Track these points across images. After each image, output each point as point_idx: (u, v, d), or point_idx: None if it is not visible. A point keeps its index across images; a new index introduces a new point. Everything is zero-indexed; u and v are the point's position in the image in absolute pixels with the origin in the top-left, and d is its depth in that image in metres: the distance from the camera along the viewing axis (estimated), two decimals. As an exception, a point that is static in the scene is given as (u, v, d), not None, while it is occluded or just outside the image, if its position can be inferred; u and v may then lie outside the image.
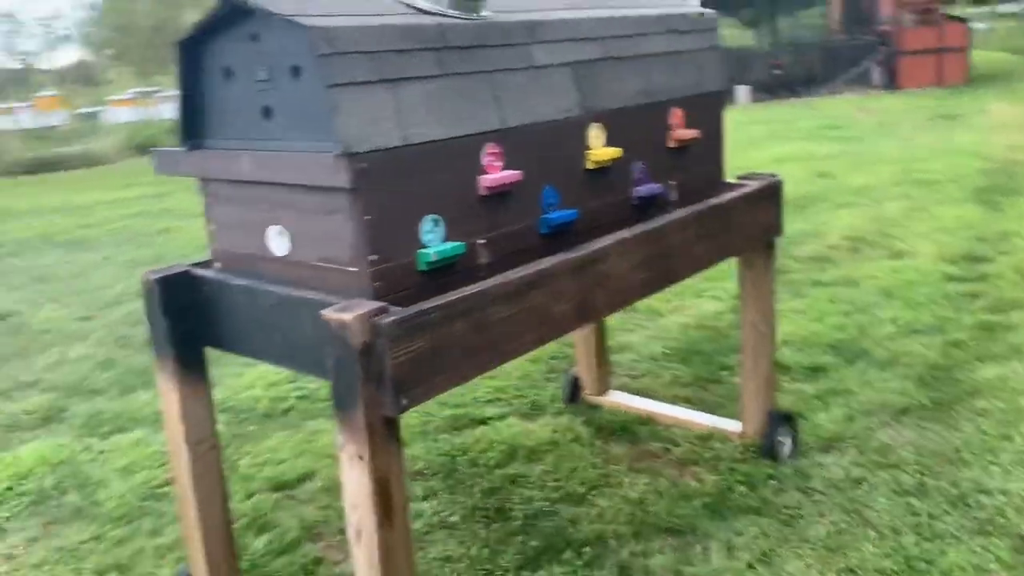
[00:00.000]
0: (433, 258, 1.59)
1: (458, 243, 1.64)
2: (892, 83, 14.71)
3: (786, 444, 2.61)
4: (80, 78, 24.71)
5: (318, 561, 2.27)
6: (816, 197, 6.19)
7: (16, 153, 15.59)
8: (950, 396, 2.88)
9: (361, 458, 1.48)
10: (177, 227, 7.40)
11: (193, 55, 1.73)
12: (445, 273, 1.65)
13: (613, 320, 3.92)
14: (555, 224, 1.86)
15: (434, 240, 1.63)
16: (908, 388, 2.95)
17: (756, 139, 9.83)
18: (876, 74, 15.17)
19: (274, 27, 1.55)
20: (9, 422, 3.35)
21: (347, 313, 1.42)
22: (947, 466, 2.48)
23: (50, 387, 3.68)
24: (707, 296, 4.21)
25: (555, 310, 1.75)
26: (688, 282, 4.38)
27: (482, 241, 1.73)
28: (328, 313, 1.44)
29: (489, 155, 1.72)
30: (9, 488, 2.78)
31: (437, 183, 1.62)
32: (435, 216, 1.63)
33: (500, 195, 1.74)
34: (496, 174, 1.72)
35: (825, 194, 6.26)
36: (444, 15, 1.69)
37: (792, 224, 5.37)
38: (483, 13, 1.76)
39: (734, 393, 2.91)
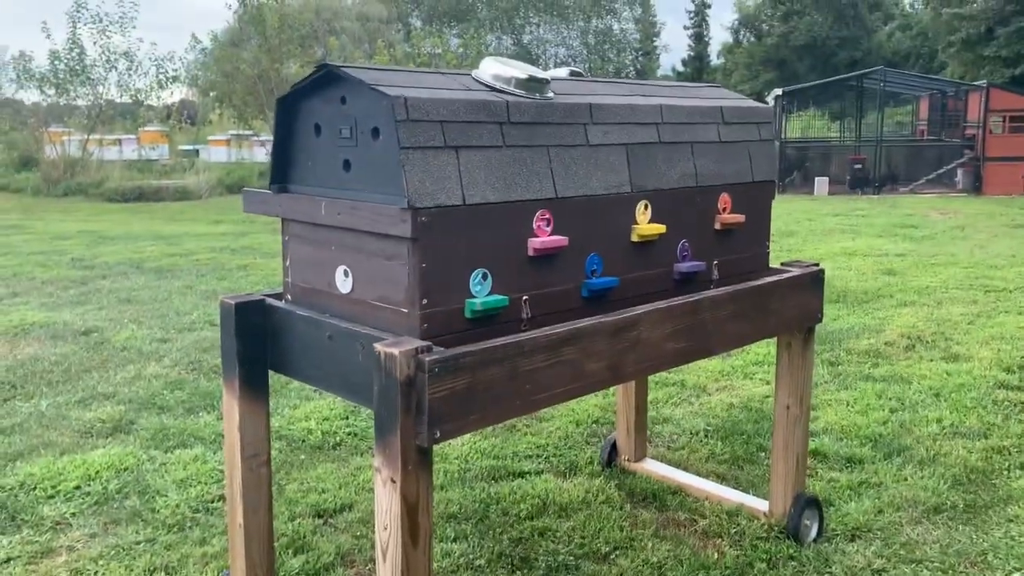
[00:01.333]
0: (478, 308, 1.76)
1: (502, 296, 1.81)
2: (976, 187, 14.54)
3: (812, 528, 2.66)
4: (183, 116, 26.12)
5: (348, 585, 2.40)
6: (879, 293, 6.19)
7: (117, 182, 16.54)
8: (984, 500, 2.89)
9: (394, 481, 1.63)
10: (255, 264, 7.78)
11: (290, 109, 1.96)
12: (489, 322, 1.81)
13: (659, 393, 4.02)
14: (596, 289, 2.01)
15: (481, 292, 1.80)
16: (942, 488, 2.97)
17: (829, 231, 9.85)
18: (960, 177, 15.03)
19: (361, 93, 1.76)
20: (84, 428, 3.60)
21: (395, 348, 1.59)
22: (971, 568, 2.49)
23: (124, 400, 3.94)
24: (757, 379, 4.27)
25: (587, 368, 1.89)
26: (738, 363, 4.47)
27: (526, 297, 1.89)
28: (379, 346, 1.61)
29: (540, 220, 1.89)
30: (77, 487, 3.00)
31: (489, 241, 1.79)
32: (484, 270, 1.80)
33: (547, 257, 1.91)
34: (544, 238, 1.88)
35: (889, 291, 6.26)
36: (512, 94, 1.89)
37: (851, 317, 5.41)
38: (548, 95, 1.95)
39: (768, 475, 2.97)
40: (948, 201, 13.49)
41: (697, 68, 49.72)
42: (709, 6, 50.49)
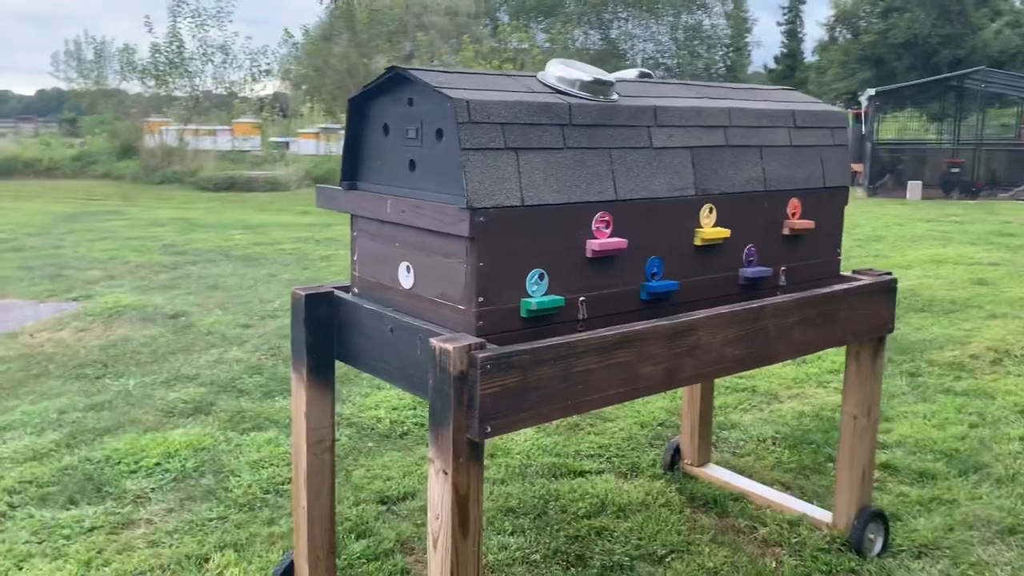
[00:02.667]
0: (534, 307, 1.79)
1: (558, 297, 1.83)
2: (1082, 195, 13.80)
3: (876, 542, 2.60)
4: (276, 109, 26.89)
5: (406, 572, 2.47)
6: (968, 303, 5.96)
7: (211, 171, 17.17)
8: (1064, 523, 2.77)
9: (446, 473, 1.67)
10: (337, 255, 7.98)
11: (360, 110, 2.03)
12: (545, 322, 1.84)
13: (729, 398, 3.97)
14: (655, 292, 2.01)
15: (538, 292, 1.82)
16: (1020, 509, 2.86)
17: (918, 237, 9.52)
18: (1065, 184, 14.29)
19: (427, 95, 1.81)
20: (167, 408, 3.78)
21: (450, 343, 1.63)
22: (1044, 592, 2.40)
23: (206, 382, 4.12)
24: (831, 387, 4.18)
25: (642, 371, 1.90)
26: (813, 371, 4.38)
27: (583, 298, 1.90)
28: (435, 341, 1.66)
29: (599, 222, 1.90)
30: (158, 463, 3.15)
31: (547, 241, 1.82)
32: (541, 270, 1.82)
33: (605, 259, 1.92)
34: (603, 240, 1.90)
35: (979, 301, 6.02)
36: (576, 96, 1.91)
37: (935, 328, 5.24)
38: (612, 97, 1.96)
39: (834, 486, 2.91)
40: (1051, 208, 12.85)
41: (790, 65, 48.50)
42: (804, 2, 49.22)
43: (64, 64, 21.53)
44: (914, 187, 14.59)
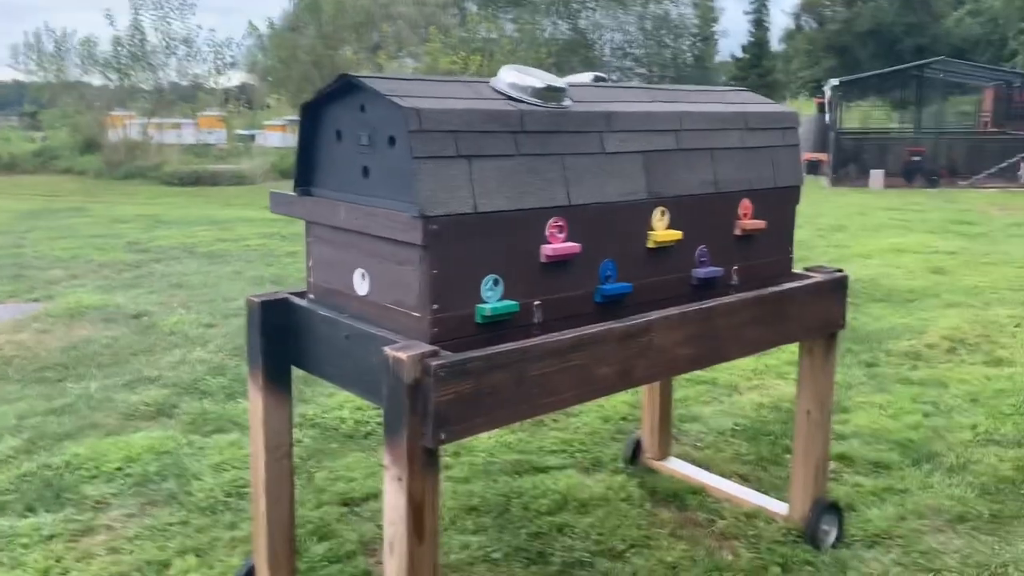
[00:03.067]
0: (488, 313, 1.81)
1: (513, 302, 1.85)
2: (1039, 182, 14.08)
3: (830, 533, 2.66)
4: (242, 100, 26.61)
5: (367, 573, 2.48)
6: (925, 292, 6.07)
7: (175, 166, 16.96)
8: (1011, 511, 2.85)
9: (400, 480, 1.69)
10: (304, 251, 7.93)
11: (313, 115, 2.03)
12: (500, 327, 1.86)
13: (690, 391, 4.03)
14: (609, 295, 2.04)
15: (492, 297, 1.84)
16: (969, 497, 2.94)
17: (879, 226, 9.67)
18: (1023, 171, 14.57)
19: (378, 103, 1.81)
20: (129, 411, 3.75)
21: (404, 352, 1.65)
22: (991, 579, 2.47)
23: (168, 384, 4.09)
24: (790, 379, 4.24)
25: (596, 373, 1.92)
26: (772, 362, 4.45)
27: (538, 302, 1.93)
28: (388, 350, 1.67)
29: (553, 228, 1.92)
30: (119, 468, 3.14)
31: (501, 247, 1.84)
32: (496, 276, 1.84)
33: (559, 263, 1.94)
34: (557, 245, 1.92)
35: (936, 290, 6.14)
36: (528, 102, 1.93)
37: (894, 317, 5.34)
38: (564, 103, 1.98)
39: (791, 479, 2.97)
40: (1009, 196, 13.10)
41: (756, 54, 48.83)
42: (770, -9, 49.48)
43: (24, 56, 21.16)
44: (876, 176, 14.80)
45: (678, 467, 3.14)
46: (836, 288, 2.53)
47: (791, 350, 4.54)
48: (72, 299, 5.80)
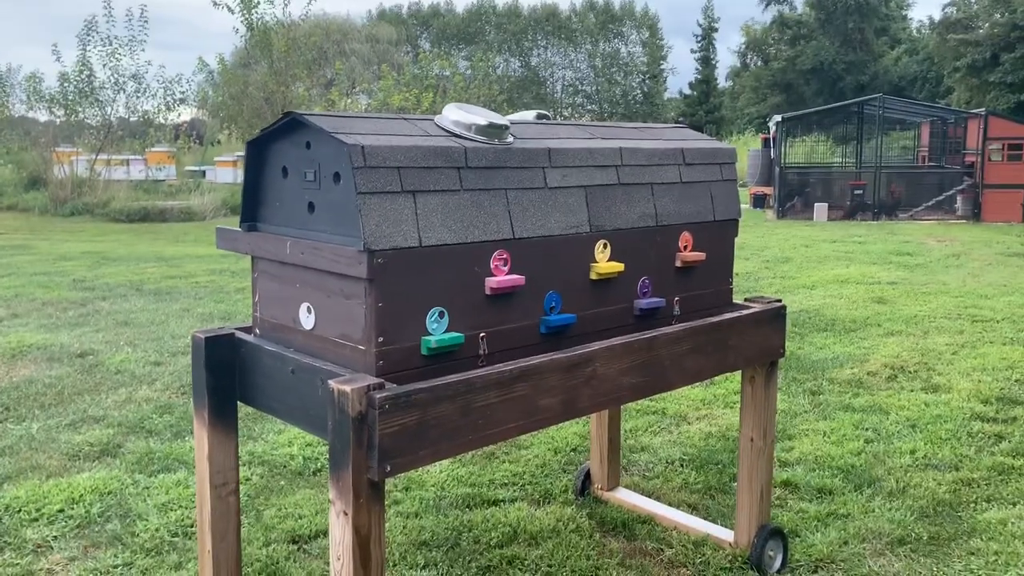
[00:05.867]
0: (434, 345, 1.83)
1: (458, 334, 1.88)
2: (975, 214, 14.59)
3: (776, 559, 2.71)
4: (192, 136, 26.37)
5: (316, 611, 2.46)
6: (867, 322, 6.24)
7: (123, 202, 16.71)
8: (948, 533, 2.93)
9: (346, 514, 1.70)
10: (254, 287, 7.86)
11: (259, 152, 2.05)
12: (445, 359, 1.88)
13: (639, 421, 4.08)
14: (553, 326, 2.08)
15: (438, 330, 1.87)
16: (908, 520, 3.01)
17: (823, 258, 9.90)
18: (960, 204, 15.08)
19: (323, 140, 1.85)
20: (72, 451, 3.67)
21: (348, 384, 1.66)
22: (929, 600, 2.53)
23: (113, 423, 4.02)
24: (737, 408, 4.32)
25: (541, 403, 1.96)
26: (720, 392, 4.52)
27: (483, 334, 1.96)
28: (333, 383, 1.68)
29: (497, 260, 1.97)
30: (61, 510, 3.07)
31: (446, 280, 1.87)
32: (441, 308, 1.87)
33: (504, 295, 1.98)
34: (501, 277, 1.96)
35: (877, 320, 6.31)
36: (471, 139, 1.98)
37: (837, 346, 5.47)
38: (507, 140, 2.04)
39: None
40: (947, 228, 13.53)
41: (704, 91, 50.00)
42: (716, 30, 50.86)
43: (-34, 92, 20.73)
44: (820, 209, 15.19)
45: (627, 497, 3.18)
46: (775, 317, 2.61)
47: (738, 379, 4.63)
48: (14, 338, 5.67)
